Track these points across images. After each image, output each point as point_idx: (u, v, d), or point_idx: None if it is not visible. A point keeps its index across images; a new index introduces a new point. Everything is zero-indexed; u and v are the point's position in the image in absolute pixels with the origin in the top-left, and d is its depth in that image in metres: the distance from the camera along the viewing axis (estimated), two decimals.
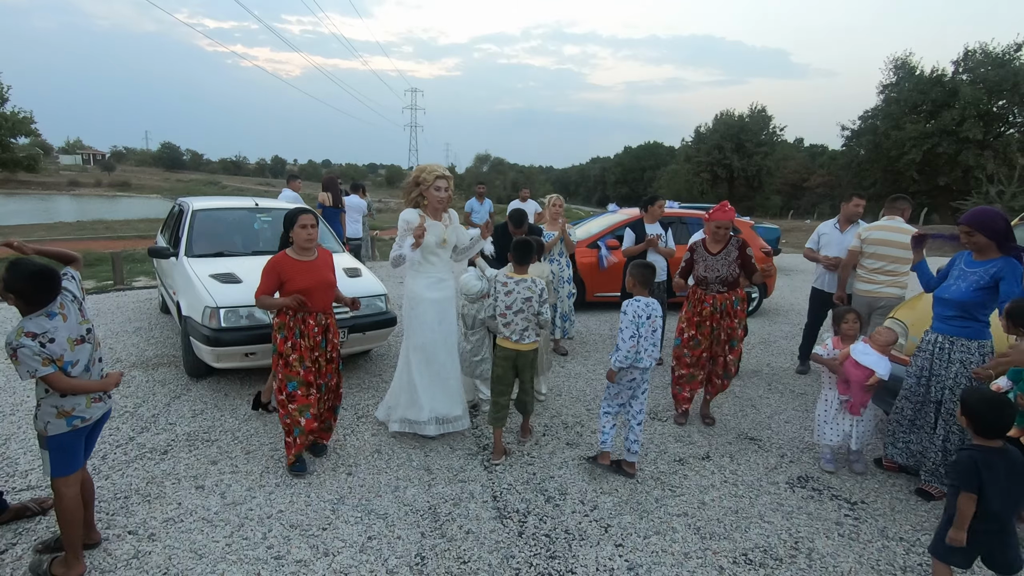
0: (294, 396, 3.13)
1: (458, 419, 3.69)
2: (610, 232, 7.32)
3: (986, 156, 29.62)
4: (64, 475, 2.26)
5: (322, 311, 3.22)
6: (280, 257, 3.15)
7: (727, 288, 3.89)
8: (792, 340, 6.57)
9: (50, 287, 2.17)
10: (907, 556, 2.72)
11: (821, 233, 5.13)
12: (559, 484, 3.24)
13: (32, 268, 2.12)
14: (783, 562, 2.63)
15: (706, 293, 3.92)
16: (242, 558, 2.50)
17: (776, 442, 3.92)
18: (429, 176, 3.49)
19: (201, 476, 3.18)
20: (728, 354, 3.95)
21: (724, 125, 44.60)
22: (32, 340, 2.09)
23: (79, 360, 2.25)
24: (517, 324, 3.36)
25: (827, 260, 4.95)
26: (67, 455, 2.27)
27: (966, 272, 3.12)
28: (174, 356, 5.16)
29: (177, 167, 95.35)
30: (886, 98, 34.88)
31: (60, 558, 2.34)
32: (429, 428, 3.59)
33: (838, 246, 4.94)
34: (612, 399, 3.36)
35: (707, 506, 3.08)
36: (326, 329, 3.25)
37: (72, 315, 2.25)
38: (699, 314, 3.92)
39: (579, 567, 2.55)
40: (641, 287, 3.28)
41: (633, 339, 3.16)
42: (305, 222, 3.14)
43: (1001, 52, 30.99)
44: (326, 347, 3.26)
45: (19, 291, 2.11)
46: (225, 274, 4.58)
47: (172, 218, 6.30)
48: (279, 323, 3.11)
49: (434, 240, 3.50)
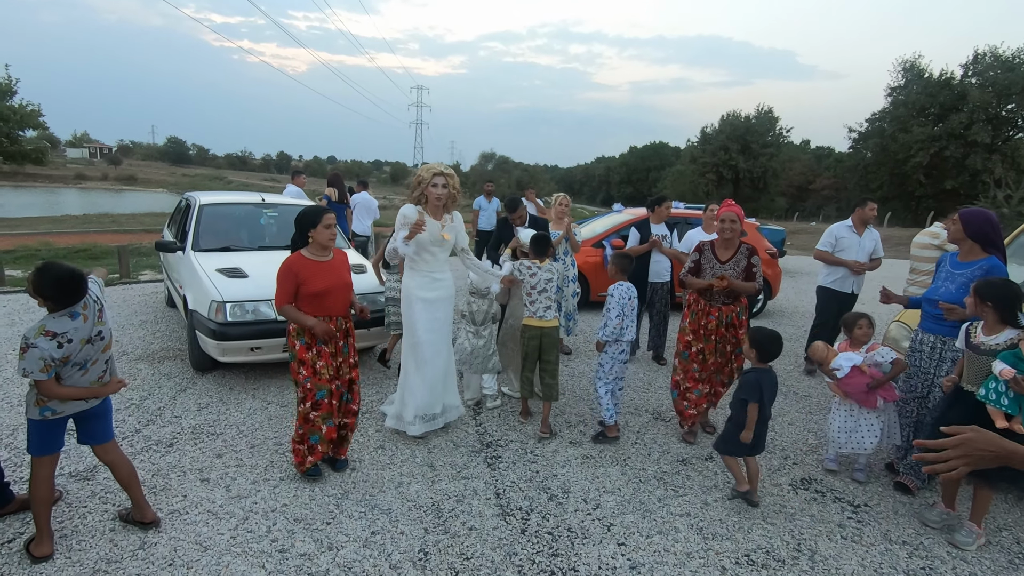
0: (320, 404, 3.01)
1: (436, 417, 3.68)
2: (615, 232, 7.31)
3: (994, 160, 29.45)
4: (39, 455, 2.38)
5: (341, 315, 3.13)
6: (295, 259, 3.01)
7: (732, 300, 3.75)
8: (796, 342, 6.56)
9: (76, 290, 2.27)
10: (910, 560, 2.71)
11: (838, 236, 5.06)
12: (562, 482, 3.25)
13: (60, 272, 2.23)
14: (785, 563, 2.64)
15: (711, 305, 3.74)
16: (246, 551, 2.52)
17: (779, 444, 3.91)
18: (427, 173, 3.52)
19: (206, 469, 3.20)
20: (734, 362, 3.83)
21: (730, 126, 44.45)
22: (50, 340, 2.20)
23: (83, 359, 2.34)
24: (541, 303, 3.75)
25: (859, 265, 4.94)
26: (43, 438, 2.39)
27: (953, 274, 3.19)
28: (180, 350, 5.19)
29: (183, 162, 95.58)
30: (894, 101, 34.74)
31: (35, 538, 2.43)
32: (413, 428, 3.61)
33: (858, 250, 4.96)
34: (607, 374, 3.75)
35: (710, 506, 3.08)
36: (346, 333, 3.18)
37: (91, 317, 2.34)
38: (705, 327, 3.75)
39: (581, 565, 2.55)
40: (622, 274, 3.78)
41: (619, 317, 3.67)
42: (328, 221, 3.03)
43: (1011, 56, 30.82)
44: (347, 352, 3.18)
45: (47, 294, 2.23)
46: (231, 269, 4.61)
47: (179, 212, 6.33)
48: (297, 328, 3.00)
49: (428, 238, 3.49)
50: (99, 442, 2.55)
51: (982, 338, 2.73)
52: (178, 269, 5.18)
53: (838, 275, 5.06)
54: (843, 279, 5.05)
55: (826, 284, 5.15)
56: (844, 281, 5.05)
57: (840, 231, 5.09)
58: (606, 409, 3.74)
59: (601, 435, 3.79)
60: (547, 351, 3.79)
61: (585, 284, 7.09)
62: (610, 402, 3.74)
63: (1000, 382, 2.58)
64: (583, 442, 3.77)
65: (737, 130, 43.83)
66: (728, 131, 44.19)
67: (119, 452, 2.63)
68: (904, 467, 3.34)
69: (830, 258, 5.09)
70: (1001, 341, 2.66)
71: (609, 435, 3.77)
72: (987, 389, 2.64)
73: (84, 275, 2.32)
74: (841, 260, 5.01)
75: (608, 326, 3.66)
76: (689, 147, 50.95)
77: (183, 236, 5.34)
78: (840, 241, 5.05)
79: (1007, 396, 2.56)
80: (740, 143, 43.34)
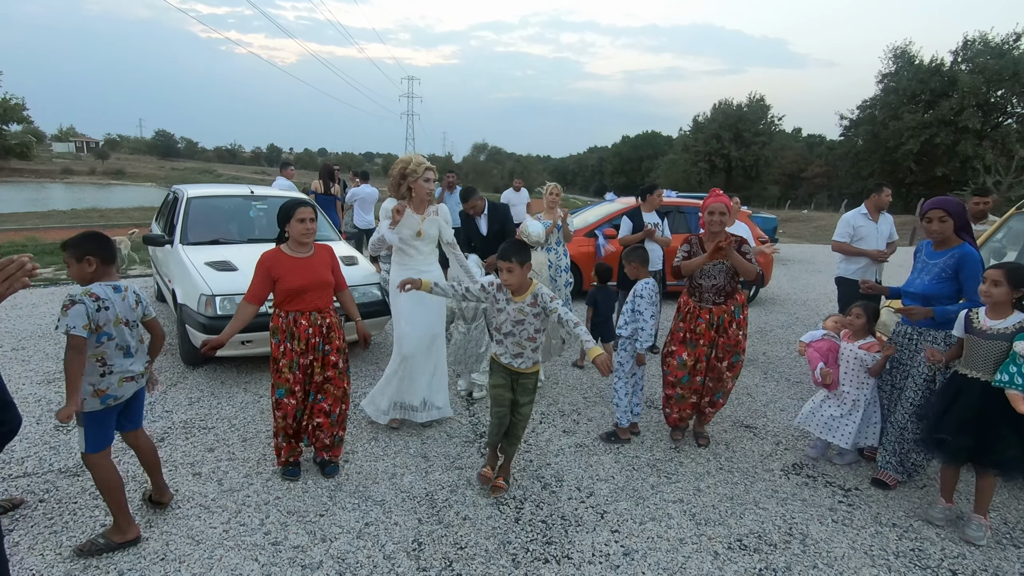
0: (280, 403, 2.95)
1: (416, 410, 3.62)
2: (607, 221, 7.30)
3: (984, 146, 29.63)
4: (96, 451, 2.39)
5: (316, 310, 2.97)
6: (273, 253, 2.90)
7: (724, 299, 3.40)
8: (788, 329, 6.60)
9: (110, 242, 2.42)
10: (899, 542, 2.74)
11: (855, 225, 4.83)
12: (555, 471, 3.26)
13: (88, 232, 2.40)
14: (777, 547, 2.66)
15: (700, 307, 3.43)
16: (239, 544, 2.51)
17: (771, 430, 3.94)
18: (418, 168, 3.40)
19: (198, 463, 3.18)
20: (726, 371, 3.46)
21: (722, 115, 44.47)
22: (93, 301, 2.26)
23: (114, 337, 2.36)
24: (508, 347, 2.86)
25: (881, 254, 4.78)
26: (100, 431, 2.40)
27: (928, 264, 3.13)
28: (170, 344, 5.14)
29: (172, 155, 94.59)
30: (885, 88, 34.81)
31: (111, 527, 2.47)
32: (383, 417, 3.62)
33: (877, 237, 4.81)
34: (627, 374, 3.58)
35: (702, 493, 3.10)
36: (326, 329, 3.01)
37: (130, 301, 2.43)
38: (692, 331, 3.44)
39: (575, 552, 2.56)
40: (645, 269, 3.56)
41: (654, 319, 3.46)
42: (303, 215, 2.89)
43: (1000, 41, 30.91)
44: (323, 349, 2.99)
45: (91, 248, 2.31)
46: (220, 262, 4.56)
47: (167, 206, 6.25)
48: (273, 327, 2.94)
49: (409, 232, 3.44)
50: (137, 426, 2.62)
51: (988, 323, 2.67)
52: (167, 263, 5.12)
53: (859, 265, 4.83)
54: (865, 269, 4.81)
55: (847, 275, 4.86)
56: (866, 271, 4.80)
57: (856, 219, 4.85)
58: (624, 412, 3.58)
59: (613, 435, 3.62)
60: (520, 393, 2.92)
61: (578, 274, 7.08)
62: (629, 403, 3.59)
63: (1021, 364, 2.52)
64: (576, 431, 3.77)
65: (729, 119, 43.85)
66: (721, 120, 44.21)
67: (147, 436, 2.70)
68: (882, 462, 3.25)
69: (850, 249, 4.84)
70: (1010, 325, 2.61)
71: (622, 437, 3.62)
72: (1007, 374, 2.56)
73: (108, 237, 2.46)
74: (862, 251, 4.80)
75: (645, 330, 3.41)
76: (682, 136, 50.97)
77: (171, 230, 5.28)
78: (858, 230, 4.82)
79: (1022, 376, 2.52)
80: (732, 132, 43.39)
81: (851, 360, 3.34)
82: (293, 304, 2.92)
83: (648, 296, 3.42)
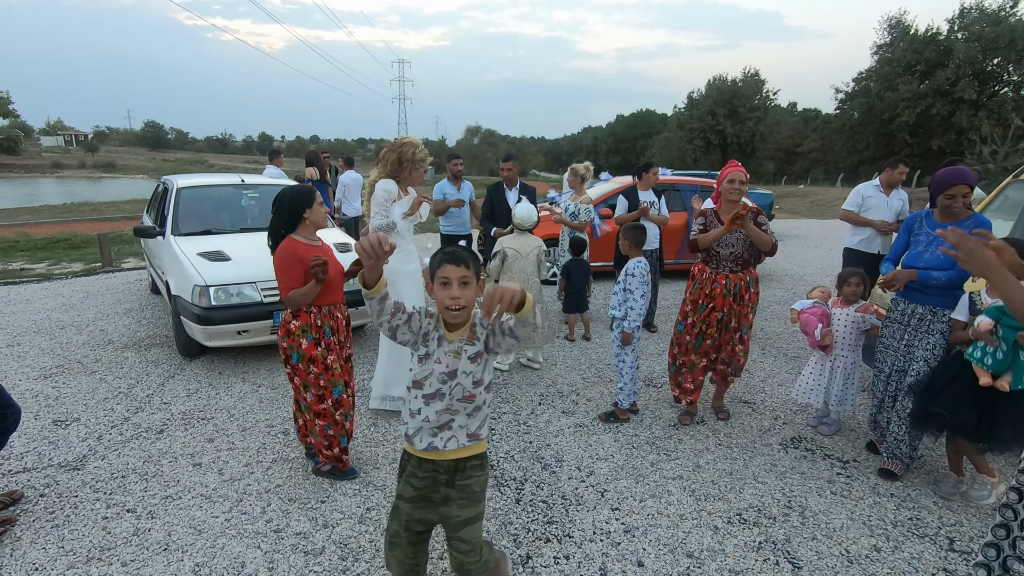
0: (340, 401, 2.82)
1: (399, 400, 3.63)
2: (603, 201, 7.25)
3: (980, 117, 29.42)
4: None
5: (343, 301, 2.91)
6: (292, 244, 2.71)
7: (741, 267, 3.40)
8: (785, 305, 6.60)
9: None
10: (897, 512, 2.77)
11: (865, 196, 4.90)
12: (555, 452, 3.27)
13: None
14: (776, 520, 2.68)
15: (717, 272, 3.41)
16: (242, 532, 2.52)
17: (769, 405, 3.96)
18: (421, 154, 3.47)
19: (198, 454, 3.18)
20: (737, 343, 3.48)
21: (717, 90, 43.98)
22: None
23: None
24: (429, 418, 1.71)
25: (886, 225, 4.79)
26: None
27: (938, 238, 2.87)
28: (166, 336, 5.13)
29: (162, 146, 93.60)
30: (880, 58, 34.39)
31: None
32: (373, 402, 3.67)
33: (886, 210, 4.83)
34: (630, 354, 3.53)
35: (702, 469, 3.12)
36: (347, 322, 2.95)
37: None
38: (708, 296, 3.42)
39: (576, 531, 2.58)
40: (637, 249, 3.52)
41: (644, 298, 3.40)
42: (320, 200, 2.83)
43: (996, 8, 30.52)
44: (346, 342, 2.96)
45: None
46: (213, 252, 4.52)
47: (157, 197, 6.19)
48: (302, 325, 2.69)
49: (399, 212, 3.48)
50: None
51: (990, 302, 2.66)
52: (159, 255, 5.08)
53: (864, 235, 4.90)
54: (870, 240, 4.88)
55: (852, 246, 4.98)
56: (871, 242, 4.87)
57: (867, 190, 4.93)
58: (628, 393, 3.57)
59: (612, 415, 3.63)
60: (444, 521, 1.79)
61: None
62: (630, 382, 3.57)
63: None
64: (576, 411, 3.78)
65: (724, 94, 43.37)
66: (715, 96, 43.73)
67: None
68: (887, 452, 3.10)
69: (856, 218, 4.91)
70: None
71: (621, 417, 3.62)
72: (978, 348, 2.60)
73: None
74: (868, 220, 4.85)
75: (635, 309, 3.39)
76: (676, 114, 50.45)
77: (162, 221, 5.23)
78: (867, 200, 4.89)
79: (993, 356, 2.54)
80: (727, 108, 42.95)
81: (847, 324, 3.39)
82: (327, 298, 2.78)
83: (640, 275, 3.39)
